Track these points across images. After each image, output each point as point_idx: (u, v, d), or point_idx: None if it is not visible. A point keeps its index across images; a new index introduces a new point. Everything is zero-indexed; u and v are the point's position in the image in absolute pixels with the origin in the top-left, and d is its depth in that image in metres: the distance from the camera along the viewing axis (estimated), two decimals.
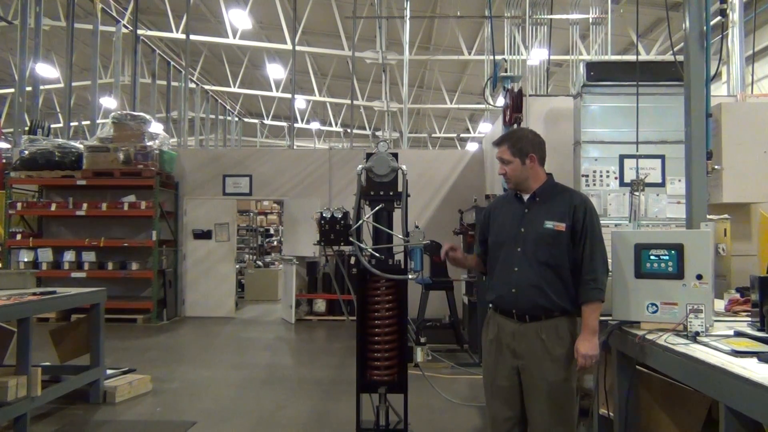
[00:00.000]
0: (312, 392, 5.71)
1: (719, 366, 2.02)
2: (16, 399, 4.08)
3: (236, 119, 22.65)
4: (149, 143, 9.83)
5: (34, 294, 4.62)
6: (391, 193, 3.28)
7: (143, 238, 9.99)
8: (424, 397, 4.89)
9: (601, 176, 5.81)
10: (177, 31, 15.65)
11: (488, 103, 11.42)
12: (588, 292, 2.72)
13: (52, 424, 4.65)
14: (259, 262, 15.22)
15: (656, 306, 2.66)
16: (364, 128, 24.83)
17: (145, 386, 5.57)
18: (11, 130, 12.30)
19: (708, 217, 3.51)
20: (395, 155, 3.32)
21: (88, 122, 13.76)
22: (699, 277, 2.58)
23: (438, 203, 10.41)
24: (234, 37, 16.21)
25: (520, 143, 2.87)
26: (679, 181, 5.52)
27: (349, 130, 20.25)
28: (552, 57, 12.52)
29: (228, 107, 21.37)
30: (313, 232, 3.75)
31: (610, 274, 2.84)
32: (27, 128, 10.56)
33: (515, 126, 6.03)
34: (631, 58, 10.72)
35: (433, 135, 25.84)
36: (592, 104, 5.90)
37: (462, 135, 25.23)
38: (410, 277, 3.16)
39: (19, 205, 9.89)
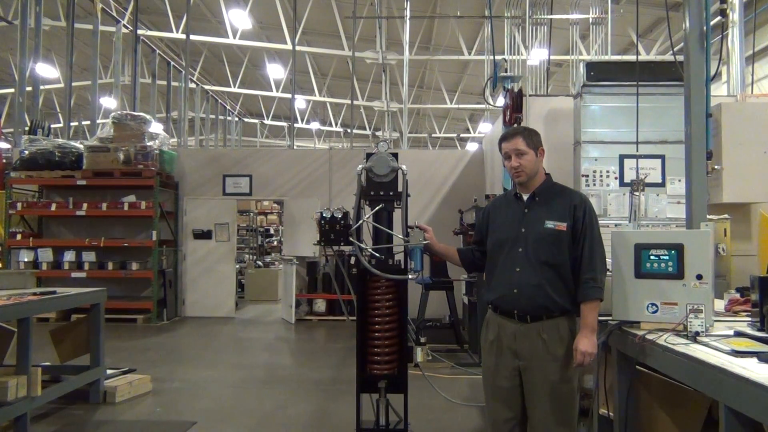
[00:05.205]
0: (312, 392, 5.71)
1: (719, 366, 2.02)
2: (16, 399, 4.08)
3: (236, 119, 22.65)
4: (149, 143, 9.83)
5: (34, 294, 4.62)
6: (391, 193, 3.28)
7: (143, 238, 9.99)
8: (424, 397, 4.89)
9: (601, 176, 5.80)
10: (177, 31, 15.66)
11: (488, 103, 11.42)
12: (587, 291, 2.72)
13: (52, 424, 4.66)
14: (259, 262, 15.22)
15: (656, 306, 2.66)
16: (364, 128, 24.83)
17: (145, 386, 5.57)
18: (11, 130, 12.30)
19: (708, 217, 3.51)
20: (395, 155, 3.31)
21: (88, 122, 13.77)
22: (699, 277, 2.58)
23: (438, 203, 10.41)
24: (234, 37, 16.21)
25: (533, 135, 2.90)
26: (679, 181, 5.52)
27: (349, 130, 20.25)
28: (552, 57, 12.53)
29: (228, 107, 21.38)
30: (313, 232, 3.74)
31: (609, 273, 2.84)
32: (27, 128, 10.56)
33: (515, 126, 6.03)
34: (631, 58, 10.72)
35: (433, 135, 25.85)
36: (592, 104, 5.89)
37: (462, 135, 25.24)
38: (410, 277, 3.16)
39: (19, 205, 9.88)
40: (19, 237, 9.93)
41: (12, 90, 14.94)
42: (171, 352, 7.70)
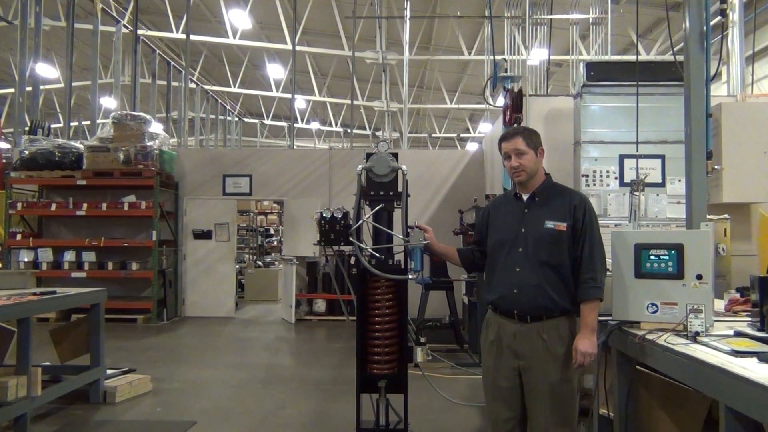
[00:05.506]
0: (312, 392, 5.71)
1: (719, 366, 2.02)
2: (16, 399, 4.08)
3: (236, 119, 22.65)
4: (149, 143, 9.83)
5: (34, 294, 4.62)
6: (391, 193, 3.28)
7: (143, 238, 9.99)
8: (424, 397, 4.89)
9: (601, 176, 5.80)
10: (177, 31, 15.66)
11: (488, 103, 11.43)
12: (587, 291, 2.72)
13: (52, 424, 4.66)
14: (259, 262, 15.22)
15: (656, 306, 2.66)
16: (364, 128, 24.84)
17: (145, 386, 5.57)
18: (11, 130, 12.30)
19: (708, 217, 3.51)
20: (395, 155, 3.32)
21: (88, 122, 13.76)
22: (699, 277, 2.58)
23: (438, 203, 10.41)
24: (234, 37, 16.22)
25: (533, 136, 2.90)
26: (679, 181, 5.52)
27: (349, 130, 20.25)
28: (552, 57, 12.53)
29: (228, 107, 21.38)
30: (313, 232, 3.74)
31: (609, 273, 2.84)
32: (27, 128, 10.55)
33: (515, 126, 6.03)
34: (631, 58, 10.71)
35: (433, 135, 25.85)
36: (592, 104, 5.90)
37: (462, 135, 25.25)
38: (410, 277, 3.16)
39: (19, 205, 9.88)
40: (19, 237, 9.92)
41: (12, 90, 14.93)
42: (171, 352, 7.70)
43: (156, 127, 10.49)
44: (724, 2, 3.90)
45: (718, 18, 4.09)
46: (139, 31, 13.95)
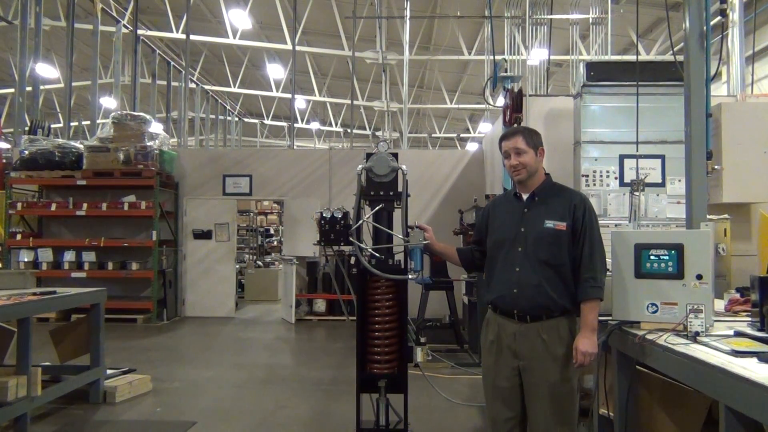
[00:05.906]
0: (312, 392, 5.71)
1: (719, 366, 2.02)
2: (16, 399, 4.08)
3: (236, 119, 22.65)
4: (149, 143, 9.83)
5: (34, 294, 4.63)
6: (391, 193, 3.28)
7: (143, 238, 9.99)
8: (424, 397, 4.90)
9: (601, 176, 5.81)
10: (177, 31, 15.66)
11: (488, 103, 11.42)
12: (587, 290, 2.72)
13: (52, 424, 4.65)
14: (259, 262, 15.22)
15: (656, 306, 2.66)
16: (364, 128, 24.84)
17: (145, 386, 5.57)
18: (11, 130, 12.30)
19: (708, 217, 3.51)
20: (395, 155, 3.32)
21: (88, 122, 13.77)
22: (699, 277, 2.58)
23: (438, 203, 10.42)
24: (234, 37, 16.22)
25: (533, 135, 2.90)
26: (679, 181, 5.52)
27: (349, 130, 20.25)
28: (552, 57, 12.53)
29: (228, 107, 21.38)
30: (313, 232, 3.75)
31: (609, 273, 2.84)
32: (27, 128, 10.56)
33: (515, 126, 6.03)
34: (631, 58, 10.71)
35: (433, 135, 25.85)
36: (592, 104, 5.90)
37: (462, 135, 25.24)
38: (410, 277, 3.16)
39: (19, 205, 9.88)
40: (19, 237, 9.93)
41: (12, 90, 14.93)
42: (171, 352, 7.70)
43: (156, 127, 10.49)
44: (724, 2, 3.91)
45: (718, 18, 4.09)
46: (139, 31, 13.95)
